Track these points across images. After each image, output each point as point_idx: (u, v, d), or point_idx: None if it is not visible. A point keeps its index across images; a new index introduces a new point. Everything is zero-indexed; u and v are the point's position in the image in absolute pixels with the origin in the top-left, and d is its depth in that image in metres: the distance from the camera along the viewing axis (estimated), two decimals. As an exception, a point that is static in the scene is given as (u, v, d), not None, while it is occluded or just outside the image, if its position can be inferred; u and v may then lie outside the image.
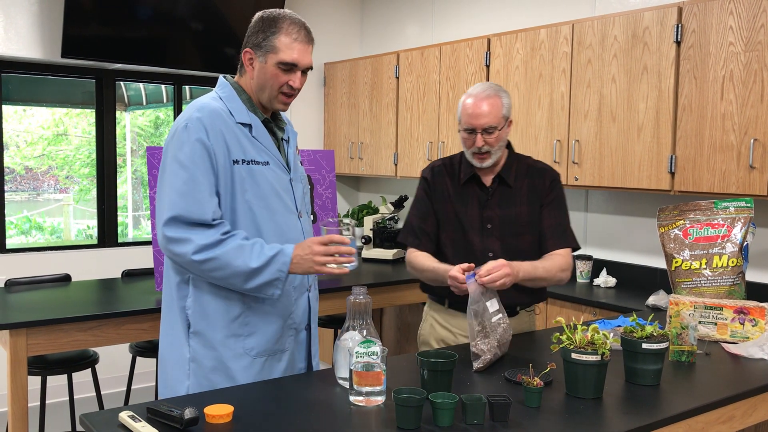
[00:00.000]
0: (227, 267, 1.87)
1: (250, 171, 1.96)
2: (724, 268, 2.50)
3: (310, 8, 5.31)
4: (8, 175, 4.59)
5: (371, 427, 1.58)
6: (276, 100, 2.01)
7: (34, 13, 4.27)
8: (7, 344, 2.72)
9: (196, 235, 1.86)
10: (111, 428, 1.55)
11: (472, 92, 2.31)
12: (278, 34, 1.95)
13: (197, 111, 1.94)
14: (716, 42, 3.03)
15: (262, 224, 1.97)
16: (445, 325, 2.44)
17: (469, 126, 2.28)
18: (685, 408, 1.73)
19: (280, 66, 1.95)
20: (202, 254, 1.85)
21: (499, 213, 2.35)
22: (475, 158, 2.32)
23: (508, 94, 2.35)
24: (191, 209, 1.86)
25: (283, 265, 1.89)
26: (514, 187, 2.37)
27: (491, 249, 2.33)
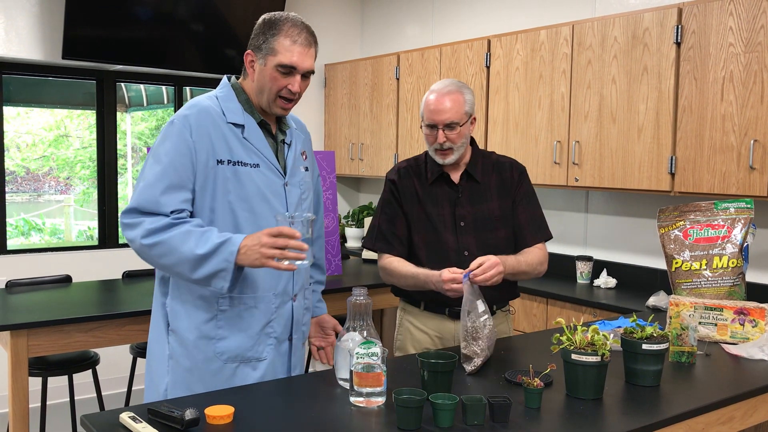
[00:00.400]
0: (173, 252, 1.83)
1: (235, 172, 1.93)
2: (724, 269, 2.51)
3: (311, 9, 5.31)
4: (9, 176, 4.59)
5: (372, 428, 1.58)
6: (274, 104, 1.98)
7: (35, 14, 4.28)
8: (7, 345, 2.72)
9: (148, 219, 1.85)
10: (112, 429, 1.55)
11: (434, 88, 2.30)
12: (278, 36, 1.92)
13: (187, 108, 1.95)
14: (716, 43, 3.03)
15: (245, 227, 1.93)
16: (421, 328, 2.40)
17: (431, 122, 2.26)
18: (685, 409, 1.73)
19: (278, 69, 1.92)
20: (149, 238, 1.83)
21: (471, 210, 2.33)
22: (438, 154, 2.30)
23: (471, 90, 2.33)
24: (151, 201, 1.85)
25: (230, 255, 1.80)
26: (482, 182, 2.35)
27: (466, 247, 2.31)
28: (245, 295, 1.96)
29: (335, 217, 3.80)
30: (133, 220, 1.86)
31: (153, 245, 1.83)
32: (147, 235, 1.83)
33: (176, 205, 1.87)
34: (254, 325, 1.98)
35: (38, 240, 5.32)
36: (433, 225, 2.33)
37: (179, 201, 1.88)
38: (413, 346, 2.41)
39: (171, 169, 1.87)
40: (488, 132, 4.06)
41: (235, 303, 1.95)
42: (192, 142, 1.89)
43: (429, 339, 2.38)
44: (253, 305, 1.97)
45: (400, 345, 2.46)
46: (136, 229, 1.85)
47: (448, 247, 2.31)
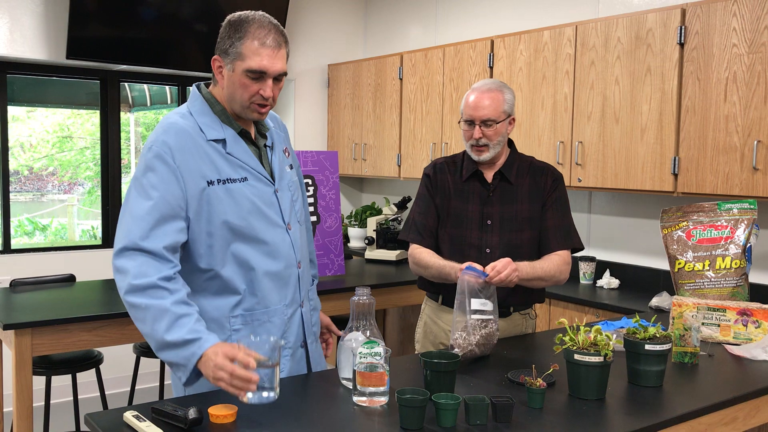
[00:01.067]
0: (145, 323, 1.73)
1: (227, 190, 1.84)
2: (727, 269, 2.50)
3: (314, 10, 5.32)
4: (13, 176, 4.60)
5: (375, 427, 1.59)
6: (249, 110, 1.86)
7: (39, 14, 4.29)
8: (12, 344, 2.73)
9: (137, 267, 1.72)
10: (116, 428, 1.56)
11: (476, 86, 2.36)
12: (244, 39, 1.79)
13: (164, 132, 1.81)
14: (720, 44, 3.03)
15: (245, 244, 1.86)
16: (437, 321, 2.45)
17: (469, 117, 2.31)
18: (688, 409, 1.73)
19: (248, 74, 1.80)
20: (130, 296, 1.73)
21: (500, 209, 2.36)
22: (473, 151, 2.34)
23: (512, 91, 2.37)
24: (142, 236, 1.74)
25: (192, 356, 1.68)
26: (515, 183, 2.38)
27: (489, 245, 2.34)
28: (257, 311, 1.91)
29: (338, 217, 3.81)
30: (122, 264, 1.74)
31: (131, 305, 1.74)
32: (129, 291, 1.73)
33: (171, 237, 1.77)
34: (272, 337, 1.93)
35: (42, 240, 5.33)
36: (460, 220, 2.37)
37: (173, 231, 1.78)
38: (430, 340, 2.47)
39: (162, 203, 1.77)
40: (491, 132, 4.06)
41: (248, 320, 1.89)
42: (176, 168, 1.78)
43: (443, 333, 2.41)
44: (266, 320, 1.92)
45: (420, 338, 2.52)
46: (123, 279, 1.74)
47: (472, 243, 2.34)
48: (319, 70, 5.40)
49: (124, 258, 1.75)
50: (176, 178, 1.79)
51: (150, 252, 1.75)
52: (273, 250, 1.92)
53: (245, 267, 1.88)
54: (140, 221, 1.76)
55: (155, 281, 1.72)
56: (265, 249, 1.90)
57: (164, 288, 1.73)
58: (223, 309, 1.88)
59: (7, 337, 2.79)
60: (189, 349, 1.69)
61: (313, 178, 3.73)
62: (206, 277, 1.87)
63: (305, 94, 5.34)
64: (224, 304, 1.88)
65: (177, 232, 1.79)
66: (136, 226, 1.75)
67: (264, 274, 1.90)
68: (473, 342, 2.02)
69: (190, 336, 1.70)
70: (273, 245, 1.92)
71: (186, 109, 1.91)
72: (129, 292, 1.73)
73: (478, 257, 2.28)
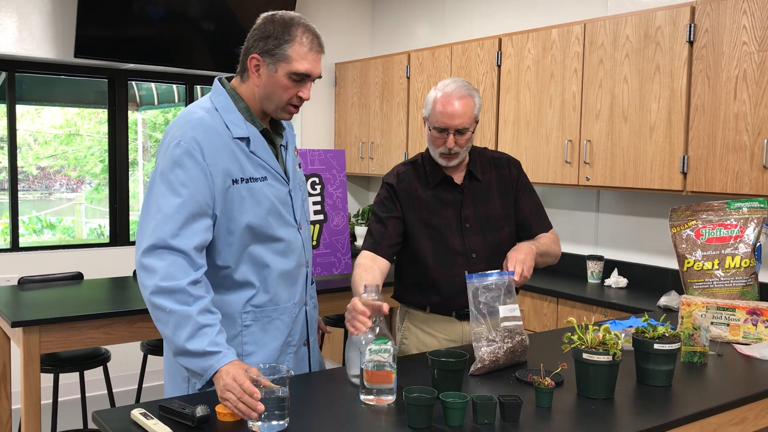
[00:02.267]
0: (167, 327, 1.72)
1: (250, 189, 1.84)
2: (736, 268, 2.49)
3: (321, 8, 5.32)
4: (20, 175, 4.62)
5: (382, 426, 1.58)
6: (283, 111, 1.89)
7: (48, 13, 4.30)
8: (20, 342, 2.74)
9: (165, 268, 1.71)
10: (123, 425, 1.56)
11: (446, 90, 2.20)
12: (292, 43, 1.81)
13: (192, 128, 1.80)
14: (729, 42, 3.01)
15: (262, 243, 1.87)
16: (428, 330, 2.36)
17: (442, 125, 2.19)
18: (698, 409, 1.72)
19: (292, 76, 1.83)
20: (157, 297, 1.71)
21: (474, 210, 2.30)
22: (443, 158, 2.25)
23: (478, 93, 2.27)
24: (173, 237, 1.73)
25: (210, 369, 1.68)
26: (483, 180, 2.33)
27: (473, 249, 2.28)
28: (268, 308, 1.92)
29: (345, 216, 3.80)
30: (151, 263, 1.72)
31: (156, 306, 1.73)
32: (155, 292, 1.72)
33: (200, 237, 1.76)
34: (278, 337, 1.95)
35: (49, 238, 5.35)
36: (439, 230, 2.28)
37: (202, 230, 1.77)
38: (419, 349, 2.37)
39: (191, 201, 1.75)
40: (499, 131, 4.05)
41: (259, 317, 1.91)
42: (206, 166, 1.78)
43: (437, 341, 2.34)
44: (276, 317, 1.93)
45: (405, 349, 2.41)
46: (150, 278, 1.72)
47: (456, 251, 2.27)
48: (326, 69, 5.39)
49: (152, 257, 1.73)
50: (205, 176, 1.78)
51: (180, 251, 1.74)
52: (286, 248, 1.93)
53: (260, 265, 1.89)
54: (170, 219, 1.74)
55: (183, 285, 1.71)
56: (280, 248, 1.92)
57: (191, 294, 1.72)
58: (236, 305, 1.89)
59: (15, 335, 2.80)
60: (207, 361, 1.69)
61: (320, 176, 3.73)
62: (222, 273, 1.88)
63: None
64: (237, 300, 1.89)
65: (205, 231, 1.79)
66: (166, 224, 1.73)
67: (277, 272, 1.92)
68: (500, 353, 1.96)
69: (211, 348, 1.70)
70: (287, 244, 1.93)
71: (210, 103, 1.88)
72: (155, 293, 1.72)
73: (465, 263, 2.23)
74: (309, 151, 3.71)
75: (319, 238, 3.69)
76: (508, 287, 2.02)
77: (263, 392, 1.52)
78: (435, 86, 2.26)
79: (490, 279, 2.00)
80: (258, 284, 1.90)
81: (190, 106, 1.91)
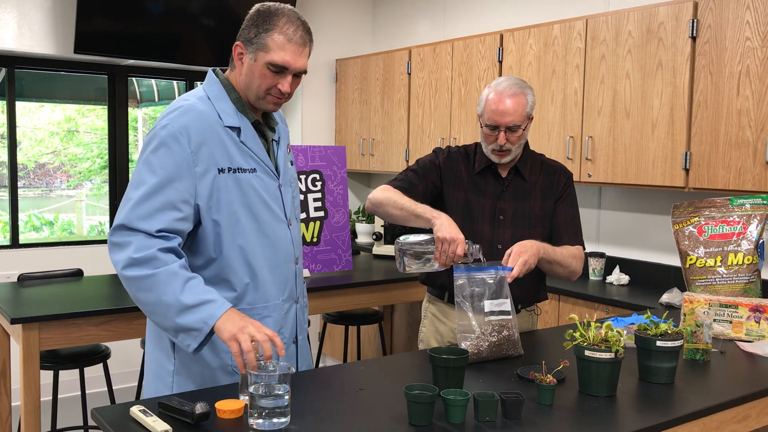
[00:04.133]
0: (154, 291, 1.69)
1: (236, 180, 1.82)
2: (739, 265, 2.48)
3: (322, 4, 5.30)
4: (21, 171, 4.61)
5: (383, 423, 1.57)
6: (264, 101, 1.86)
7: (47, 9, 4.29)
8: (19, 338, 2.73)
9: (135, 241, 1.70)
10: (123, 422, 1.55)
11: (498, 88, 2.24)
12: (272, 32, 1.78)
13: (182, 114, 1.78)
14: (732, 37, 3.00)
15: (250, 236, 1.85)
16: (443, 320, 2.39)
17: (493, 123, 2.22)
18: (700, 407, 1.71)
19: (269, 67, 1.79)
20: (132, 269, 1.69)
21: (513, 206, 2.32)
22: (494, 154, 2.28)
23: (532, 90, 2.29)
24: (142, 217, 1.71)
25: (210, 318, 1.66)
26: (528, 180, 2.35)
27: (501, 240, 2.30)
28: (258, 305, 1.90)
29: (346, 213, 3.79)
30: (121, 240, 1.71)
31: (135, 278, 1.69)
32: (130, 265, 1.69)
33: (167, 224, 1.73)
34: None
35: (49, 234, 5.35)
36: (471, 213, 2.31)
37: (171, 220, 1.74)
38: (436, 339, 2.42)
39: (168, 186, 1.73)
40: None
41: (247, 313, 1.85)
42: (190, 153, 1.75)
43: (451, 332, 2.36)
44: (266, 314, 1.91)
45: (424, 337, 2.46)
46: (120, 253, 1.70)
47: (483, 238, 2.28)
48: (327, 65, 5.38)
49: (122, 234, 1.72)
50: (188, 164, 1.76)
51: (149, 233, 1.72)
52: (275, 244, 1.91)
53: (248, 260, 1.87)
54: (143, 203, 1.73)
55: (156, 253, 1.70)
56: (268, 243, 1.89)
57: (164, 260, 1.70)
58: None
59: (15, 332, 2.79)
60: (206, 310, 1.67)
61: (320, 173, 3.72)
62: (210, 267, 1.85)
63: (313, 89, 5.33)
64: (226, 296, 1.85)
65: (176, 221, 1.76)
66: (140, 206, 1.72)
67: (266, 268, 1.89)
68: (485, 345, 1.98)
69: (207, 296, 1.68)
70: (275, 239, 1.91)
71: (203, 92, 1.87)
72: (129, 265, 1.69)
73: (489, 252, 2.25)
74: (310, 147, 3.70)
75: (320, 235, 3.68)
76: (499, 282, 2.02)
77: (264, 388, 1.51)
78: (489, 84, 2.30)
79: (480, 274, 2.02)
80: (247, 281, 1.87)
81: (183, 95, 1.90)
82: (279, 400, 1.51)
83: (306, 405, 1.67)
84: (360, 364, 2.07)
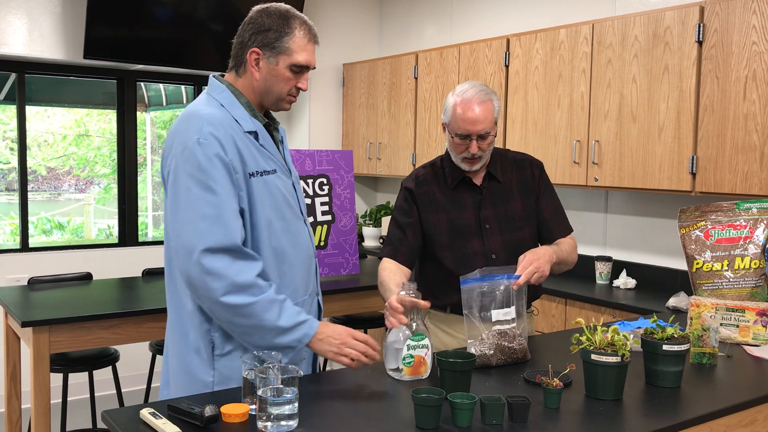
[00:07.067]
0: (253, 317, 1.75)
1: (264, 182, 1.85)
2: (746, 269, 2.48)
3: (329, 8, 5.32)
4: (30, 176, 4.64)
5: (391, 426, 1.58)
6: (284, 101, 1.91)
7: (58, 14, 4.33)
8: (30, 341, 2.76)
9: (231, 267, 1.73)
10: (132, 425, 1.56)
11: (465, 96, 2.20)
12: (292, 35, 1.83)
13: (207, 124, 1.78)
14: (739, 41, 3.00)
15: (281, 236, 1.88)
16: (448, 331, 2.37)
17: (464, 132, 2.19)
18: (707, 410, 1.71)
19: (292, 68, 1.85)
20: (232, 296, 1.73)
21: (494, 211, 2.30)
22: (465, 163, 2.25)
23: (497, 95, 2.27)
24: (222, 236, 1.74)
25: (305, 337, 1.79)
26: (503, 181, 2.33)
27: (493, 250, 2.28)
28: None
29: (353, 217, 3.81)
30: (214, 265, 1.72)
31: (233, 305, 1.73)
32: (230, 292, 1.73)
33: (241, 231, 1.79)
34: None
35: (59, 238, 5.38)
36: (458, 231, 2.29)
37: (241, 225, 1.80)
38: (438, 349, 2.39)
39: (224, 195, 1.76)
40: (507, 131, 4.05)
41: None
42: (229, 161, 1.78)
43: (456, 342, 2.35)
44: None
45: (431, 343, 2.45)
46: (219, 281, 1.72)
47: (475, 252, 2.28)
48: (334, 69, 5.40)
49: (213, 259, 1.73)
50: (229, 171, 1.78)
51: (236, 250, 1.75)
52: (298, 242, 1.95)
53: (280, 260, 1.89)
54: (214, 222, 1.74)
55: (254, 279, 1.76)
56: (293, 241, 1.93)
57: (260, 285, 1.78)
58: None
59: (25, 335, 2.82)
60: (302, 330, 1.79)
61: (327, 177, 3.74)
62: None
63: (320, 93, 5.35)
64: None
65: (241, 227, 1.80)
66: (212, 225, 1.74)
67: (294, 266, 1.92)
68: (489, 352, 1.99)
69: (301, 318, 1.80)
70: (298, 237, 1.95)
71: (214, 100, 1.88)
72: (228, 293, 1.73)
73: (485, 264, 2.23)
74: (317, 151, 3.72)
75: (327, 239, 3.70)
76: (506, 291, 2.02)
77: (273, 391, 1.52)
78: (453, 91, 2.25)
79: (487, 284, 2.02)
80: (278, 280, 1.89)
81: (192, 105, 1.88)
82: (287, 404, 1.52)
83: (314, 408, 1.68)
84: (367, 367, 2.07)
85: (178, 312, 1.89)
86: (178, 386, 1.90)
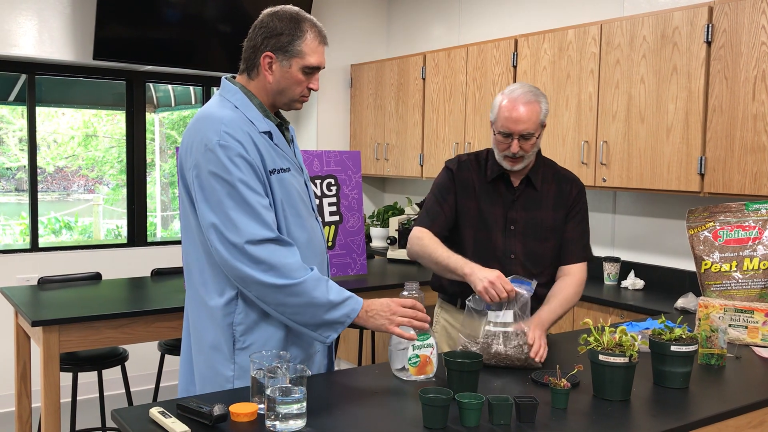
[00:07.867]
0: (303, 296, 1.80)
1: (281, 180, 1.89)
2: (755, 270, 2.47)
3: (337, 9, 5.33)
4: (40, 176, 4.67)
5: (398, 426, 1.59)
6: (297, 102, 1.95)
7: (67, 16, 4.35)
8: (40, 341, 2.77)
9: (277, 256, 1.79)
10: (142, 424, 1.57)
11: (512, 95, 2.23)
12: (303, 38, 1.87)
13: (225, 125, 1.82)
14: (748, 42, 2.99)
15: (297, 233, 1.91)
16: (456, 326, 2.38)
17: (506, 130, 2.22)
18: (715, 412, 1.71)
19: (305, 70, 1.89)
20: (283, 279, 1.79)
21: (524, 215, 2.32)
22: (507, 161, 2.28)
23: (546, 98, 2.28)
24: (261, 228, 1.79)
25: (353, 312, 1.84)
26: (540, 190, 2.34)
27: (513, 251, 2.30)
28: None
29: (360, 217, 3.81)
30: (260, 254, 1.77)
31: (286, 286, 1.78)
32: (281, 276, 1.78)
33: (275, 222, 1.84)
34: None
35: (68, 238, 5.41)
36: (485, 223, 2.32)
37: (274, 218, 1.85)
38: (448, 344, 2.42)
39: (257, 194, 1.81)
40: (514, 132, 4.04)
41: None
42: (251, 159, 1.82)
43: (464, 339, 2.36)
44: None
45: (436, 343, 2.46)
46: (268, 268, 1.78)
47: (496, 248, 2.30)
48: (342, 70, 5.41)
49: (257, 248, 1.78)
50: (254, 169, 1.83)
51: (276, 239, 1.81)
52: (313, 238, 1.97)
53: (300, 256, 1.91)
54: (252, 215, 1.79)
55: (300, 261, 1.83)
56: (308, 238, 1.95)
57: (304, 266, 1.83)
58: None
59: (35, 334, 2.84)
60: (350, 305, 1.84)
61: (335, 177, 3.75)
62: None
63: (328, 94, 5.36)
64: None
65: (274, 218, 1.85)
66: (252, 220, 1.79)
67: (311, 260, 1.94)
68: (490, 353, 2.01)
69: (346, 294, 1.86)
70: (312, 234, 1.97)
71: (228, 102, 1.91)
72: (281, 276, 1.79)
73: (503, 261, 2.26)
74: (325, 152, 3.73)
75: (335, 240, 3.71)
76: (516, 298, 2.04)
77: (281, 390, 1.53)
78: (502, 91, 2.29)
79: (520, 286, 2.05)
80: None
81: (207, 107, 1.92)
82: (295, 404, 1.53)
83: (321, 408, 1.68)
84: (374, 367, 2.08)
85: (197, 309, 1.91)
86: (199, 381, 1.93)
